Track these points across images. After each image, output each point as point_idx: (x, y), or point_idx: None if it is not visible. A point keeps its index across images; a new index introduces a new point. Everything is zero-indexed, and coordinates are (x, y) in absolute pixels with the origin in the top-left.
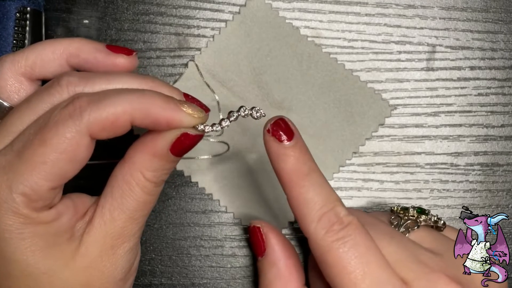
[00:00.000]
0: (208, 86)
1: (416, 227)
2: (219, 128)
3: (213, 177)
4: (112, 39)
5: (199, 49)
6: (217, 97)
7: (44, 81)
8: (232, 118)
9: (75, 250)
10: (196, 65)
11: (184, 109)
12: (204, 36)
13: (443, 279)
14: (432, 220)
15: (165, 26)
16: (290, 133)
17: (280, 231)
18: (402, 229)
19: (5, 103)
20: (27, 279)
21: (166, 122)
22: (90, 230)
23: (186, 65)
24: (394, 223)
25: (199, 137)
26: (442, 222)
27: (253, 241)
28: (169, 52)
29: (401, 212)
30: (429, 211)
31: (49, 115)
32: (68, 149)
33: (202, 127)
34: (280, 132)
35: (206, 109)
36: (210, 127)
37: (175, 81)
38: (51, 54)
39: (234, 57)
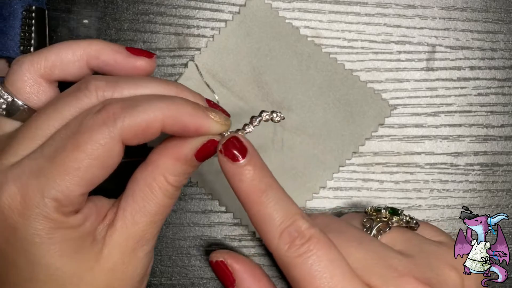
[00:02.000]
0: (208, 86)
1: (387, 229)
2: (243, 134)
3: (213, 177)
4: (112, 39)
5: (199, 49)
6: (217, 97)
7: (61, 83)
8: (255, 123)
9: (98, 253)
10: (196, 65)
11: (212, 117)
12: (204, 36)
13: (411, 283)
14: (404, 220)
15: (165, 26)
16: (244, 151)
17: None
18: (374, 232)
19: (23, 104)
20: (52, 283)
21: (195, 129)
22: (113, 233)
23: (186, 65)
24: (367, 226)
25: None
26: (414, 221)
27: (219, 275)
28: (169, 52)
29: (374, 213)
30: (401, 211)
31: (80, 120)
32: (101, 155)
33: (228, 133)
34: (234, 151)
35: (227, 115)
36: (236, 133)
37: (175, 81)
38: (71, 56)
39: (234, 57)
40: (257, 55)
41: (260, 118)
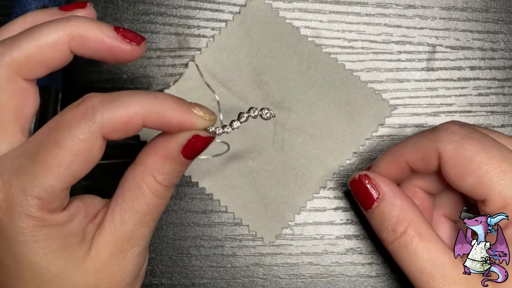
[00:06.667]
0: (208, 86)
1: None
2: (230, 129)
3: (213, 177)
4: None
5: (199, 49)
6: (217, 97)
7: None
8: (242, 119)
9: (86, 252)
10: (196, 65)
11: (196, 112)
12: (204, 36)
13: None
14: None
15: (165, 26)
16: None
17: (280, 231)
18: None
19: None
20: (37, 281)
21: (178, 124)
22: (101, 233)
23: (186, 65)
24: None
25: (211, 139)
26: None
27: (361, 194)
28: (169, 52)
29: None
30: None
31: (60, 116)
32: (82, 150)
33: (213, 129)
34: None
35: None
36: (222, 129)
37: (175, 81)
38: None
39: (234, 57)
40: (257, 55)
41: (248, 114)
